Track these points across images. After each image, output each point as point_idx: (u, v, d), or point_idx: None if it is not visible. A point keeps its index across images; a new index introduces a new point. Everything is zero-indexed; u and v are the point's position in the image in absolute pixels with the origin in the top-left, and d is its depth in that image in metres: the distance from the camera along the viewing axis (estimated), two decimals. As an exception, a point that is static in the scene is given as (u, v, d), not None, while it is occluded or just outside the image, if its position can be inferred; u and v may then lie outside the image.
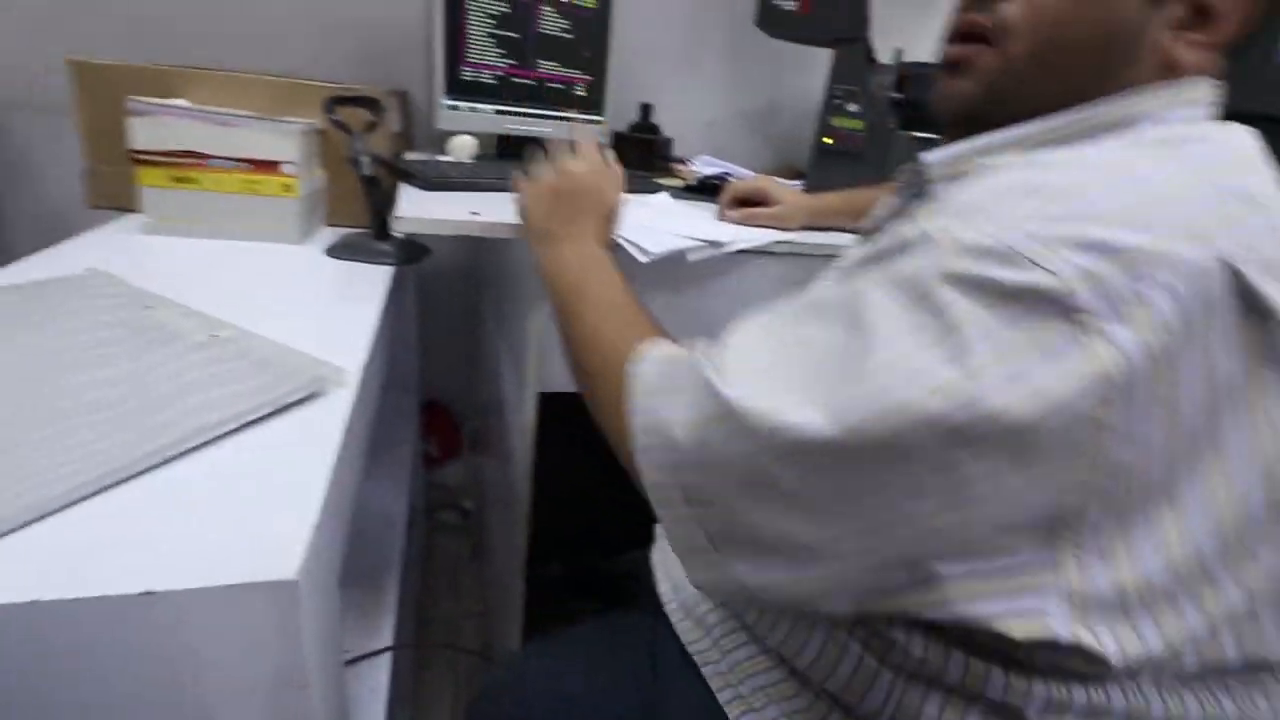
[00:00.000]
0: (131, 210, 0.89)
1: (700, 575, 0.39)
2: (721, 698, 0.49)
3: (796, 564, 0.34)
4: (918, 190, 0.45)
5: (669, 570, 0.57)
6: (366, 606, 0.79)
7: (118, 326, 0.51)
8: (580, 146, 0.64)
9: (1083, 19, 0.39)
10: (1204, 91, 0.39)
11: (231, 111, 0.79)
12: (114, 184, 0.86)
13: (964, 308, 0.30)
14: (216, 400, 0.42)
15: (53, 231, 0.79)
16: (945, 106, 0.45)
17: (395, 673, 0.72)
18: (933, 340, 0.30)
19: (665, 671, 0.54)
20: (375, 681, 0.69)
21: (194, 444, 0.39)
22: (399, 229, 0.65)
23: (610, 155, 0.66)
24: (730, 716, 0.48)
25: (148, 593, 0.29)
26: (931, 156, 0.44)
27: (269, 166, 0.79)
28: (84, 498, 0.34)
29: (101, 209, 0.88)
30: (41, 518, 0.32)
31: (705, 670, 0.51)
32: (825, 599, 0.35)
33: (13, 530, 0.31)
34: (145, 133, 0.75)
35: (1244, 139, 0.37)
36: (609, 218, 0.62)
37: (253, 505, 0.35)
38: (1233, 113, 0.40)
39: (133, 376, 0.44)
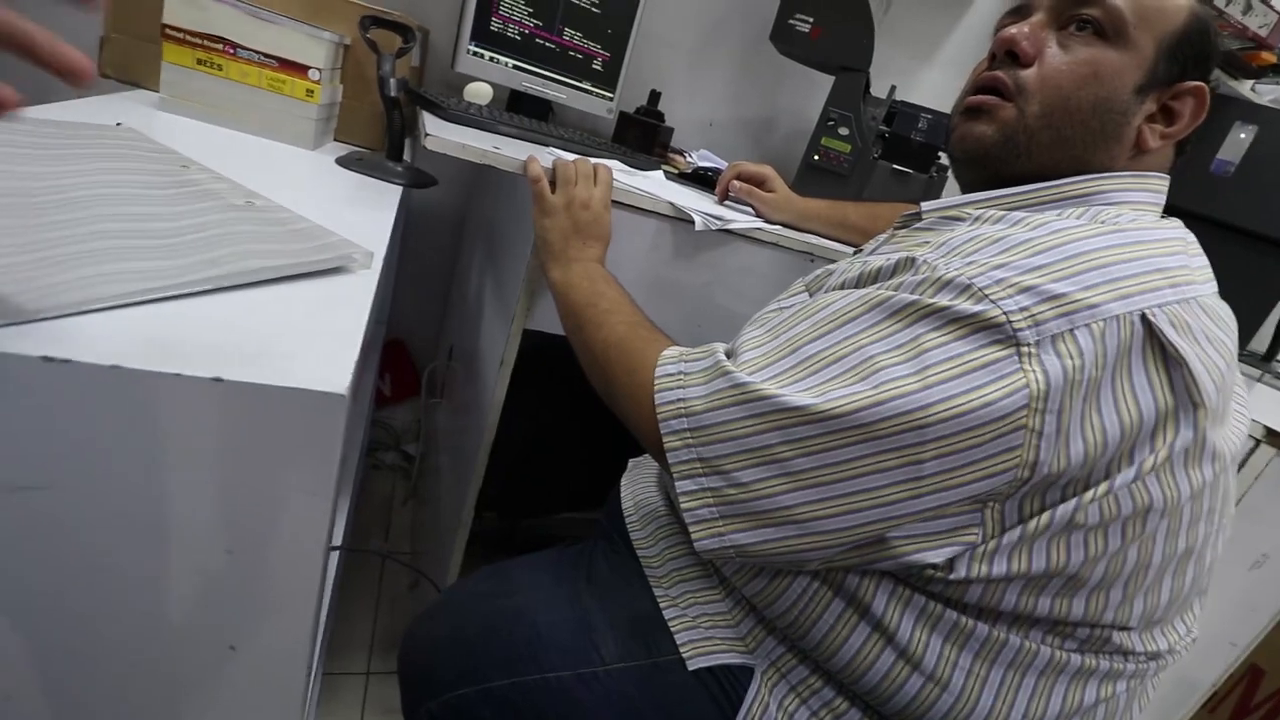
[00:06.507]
0: (139, 86, 0.89)
1: (705, 543, 0.45)
2: (655, 592, 0.56)
3: (784, 531, 0.42)
4: (915, 224, 0.55)
5: (635, 490, 0.64)
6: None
7: (159, 175, 0.53)
8: (601, 177, 0.72)
9: (1085, 93, 0.49)
10: (1155, 183, 0.50)
11: (268, 9, 0.80)
12: (129, 56, 0.86)
13: (931, 338, 0.39)
14: (262, 252, 0.45)
15: (46, 93, 0.78)
16: (964, 146, 0.54)
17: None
18: (904, 358, 0.39)
19: (600, 582, 0.59)
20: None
21: (250, 280, 0.42)
22: (429, 146, 0.68)
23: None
24: (661, 612, 0.55)
25: (218, 379, 0.33)
26: (928, 205, 0.54)
27: (297, 69, 0.82)
28: (155, 300, 0.37)
29: (107, 79, 0.88)
30: (116, 308, 0.35)
31: (647, 573, 0.57)
32: (803, 561, 0.44)
33: (93, 311, 0.34)
34: (181, 11, 0.76)
35: (1175, 232, 0.46)
36: (607, 244, 0.72)
37: (306, 335, 0.39)
38: (1175, 208, 0.51)
39: (183, 217, 0.47)
